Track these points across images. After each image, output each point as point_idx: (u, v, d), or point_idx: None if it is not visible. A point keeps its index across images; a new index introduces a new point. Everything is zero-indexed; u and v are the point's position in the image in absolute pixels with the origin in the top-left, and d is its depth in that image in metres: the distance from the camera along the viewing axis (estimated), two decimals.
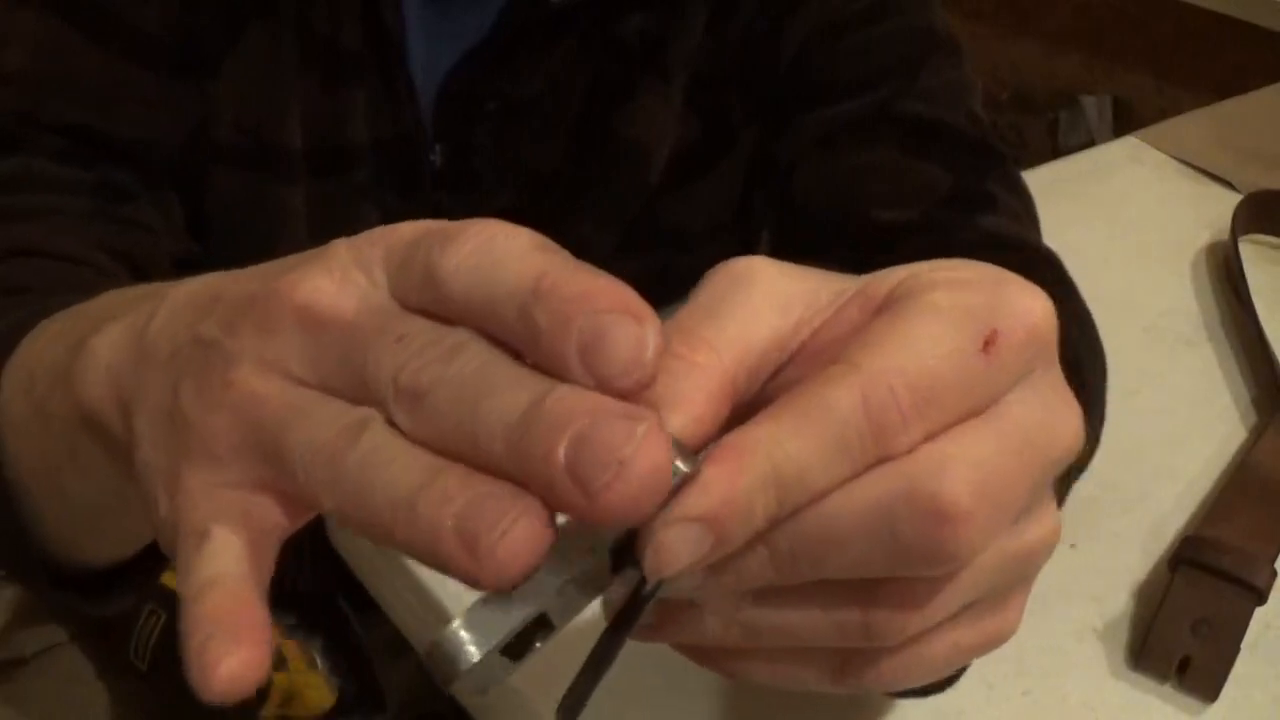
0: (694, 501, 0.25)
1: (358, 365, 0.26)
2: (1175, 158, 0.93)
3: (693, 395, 0.27)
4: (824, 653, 0.30)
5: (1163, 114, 1.05)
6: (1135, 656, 0.52)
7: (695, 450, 0.26)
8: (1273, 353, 0.70)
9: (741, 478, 0.25)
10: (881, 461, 0.26)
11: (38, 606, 0.77)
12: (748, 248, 0.78)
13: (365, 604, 0.61)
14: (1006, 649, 0.53)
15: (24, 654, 0.76)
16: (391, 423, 0.26)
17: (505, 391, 0.24)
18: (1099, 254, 0.80)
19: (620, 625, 0.28)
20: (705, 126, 0.67)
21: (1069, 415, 0.29)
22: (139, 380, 0.31)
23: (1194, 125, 1.00)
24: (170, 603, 0.69)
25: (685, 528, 0.25)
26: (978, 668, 0.51)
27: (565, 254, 0.26)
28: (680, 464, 0.25)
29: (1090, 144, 1.73)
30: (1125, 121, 1.90)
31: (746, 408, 0.28)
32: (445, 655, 0.26)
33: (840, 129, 0.64)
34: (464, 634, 0.26)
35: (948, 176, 0.61)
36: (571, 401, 0.23)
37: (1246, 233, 0.82)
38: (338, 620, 0.74)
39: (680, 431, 0.26)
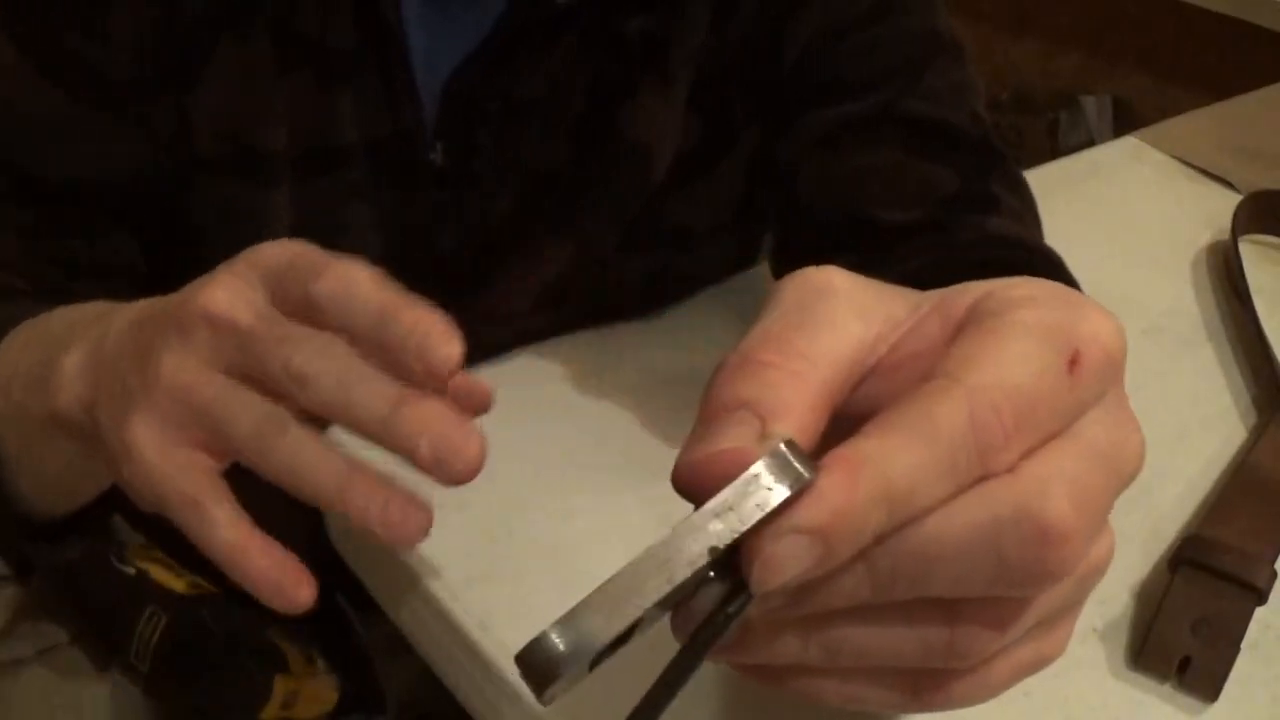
0: (807, 513, 0.25)
1: (256, 356, 0.37)
2: (1175, 158, 0.93)
3: (795, 404, 0.27)
4: (898, 674, 0.31)
5: (1163, 114, 1.05)
6: (1135, 656, 0.52)
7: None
8: (1273, 353, 0.70)
9: (857, 490, 0.25)
10: (980, 480, 0.26)
11: (37, 606, 0.77)
12: (749, 248, 0.78)
13: (365, 604, 0.62)
14: None
15: (24, 654, 0.76)
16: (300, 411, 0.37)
17: (370, 383, 0.36)
18: (1099, 254, 0.80)
19: (703, 641, 0.27)
20: (706, 126, 0.67)
21: (1135, 435, 0.30)
22: (98, 383, 0.41)
23: (1194, 125, 1.00)
24: (170, 604, 0.69)
25: (795, 540, 0.25)
26: None
27: (398, 290, 0.37)
28: (801, 469, 0.26)
29: (1090, 144, 1.72)
30: (1125, 121, 1.90)
31: (832, 421, 0.28)
32: (542, 662, 0.27)
33: (844, 129, 0.64)
34: (560, 642, 0.26)
35: (952, 177, 0.61)
36: (425, 409, 0.35)
37: (1246, 233, 0.82)
38: (338, 620, 0.74)
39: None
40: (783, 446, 0.26)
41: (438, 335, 0.36)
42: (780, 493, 0.25)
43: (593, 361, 0.68)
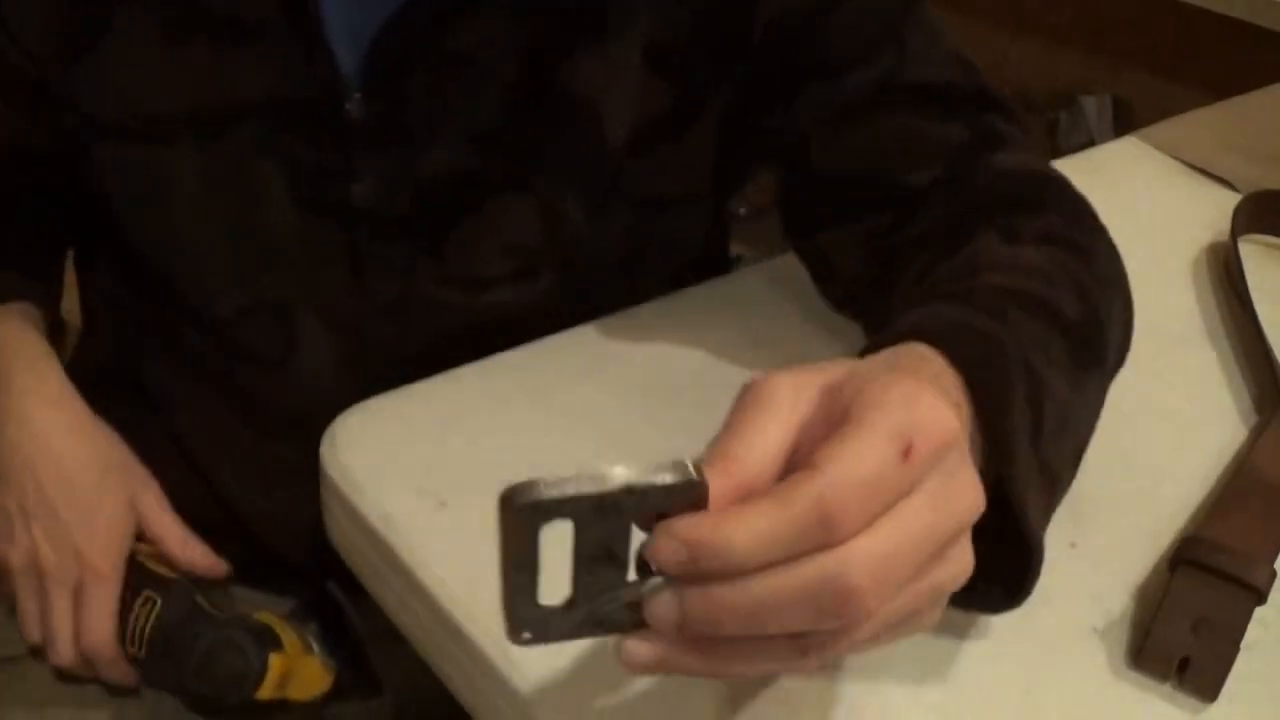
0: (683, 527, 0.36)
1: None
2: (1175, 158, 0.93)
3: (722, 491, 0.38)
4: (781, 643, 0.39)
5: (1163, 114, 1.05)
6: (1135, 656, 0.52)
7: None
8: (1273, 353, 0.70)
9: (720, 529, 0.36)
10: (825, 546, 0.36)
11: None
12: (722, 213, 0.79)
13: (362, 590, 0.62)
14: (1006, 648, 0.54)
15: (16, 652, 0.77)
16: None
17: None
18: None
19: (598, 620, 0.39)
20: (673, 94, 0.67)
21: (966, 493, 0.40)
22: None
23: (1194, 125, 1.00)
24: (164, 588, 0.70)
25: (673, 542, 0.36)
26: (977, 667, 0.51)
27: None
28: (695, 475, 0.37)
29: (1090, 144, 1.72)
30: (1125, 121, 1.89)
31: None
32: (523, 491, 0.36)
33: (851, 103, 0.65)
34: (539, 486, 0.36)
35: (960, 129, 0.64)
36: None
37: (1246, 233, 0.82)
38: (332, 607, 0.75)
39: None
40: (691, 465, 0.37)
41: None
42: (678, 478, 0.36)
43: (591, 361, 0.68)
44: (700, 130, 0.69)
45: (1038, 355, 0.51)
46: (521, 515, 0.36)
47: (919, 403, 0.39)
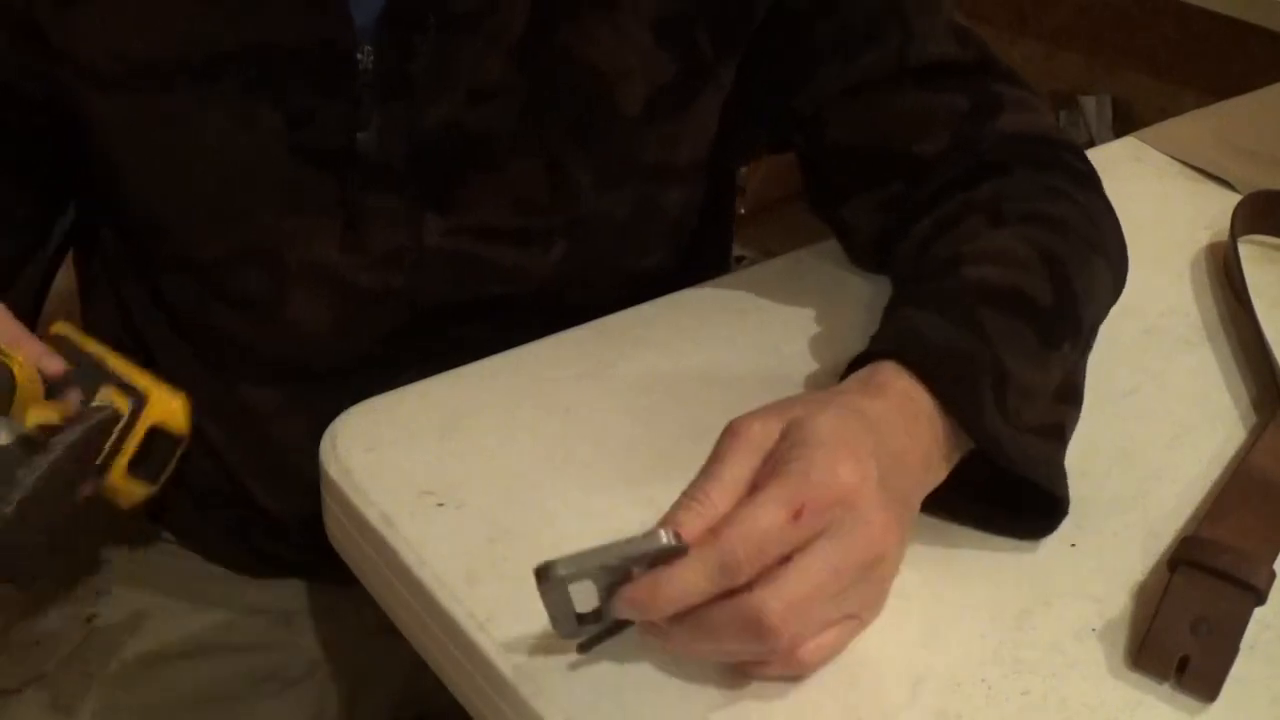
0: (632, 591, 0.47)
1: None
2: (1175, 158, 0.93)
3: (695, 528, 0.47)
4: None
5: (1163, 114, 1.05)
6: (1134, 656, 0.52)
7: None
8: (1272, 353, 0.70)
9: (655, 588, 0.46)
10: (740, 588, 0.46)
11: (22, 637, 0.78)
12: (726, 184, 0.82)
13: (357, 585, 0.62)
14: (1005, 649, 0.54)
15: (9, 685, 0.77)
16: None
17: None
18: None
19: (604, 633, 0.50)
20: (679, 66, 0.69)
21: (861, 538, 0.47)
22: None
23: (1194, 125, 1.00)
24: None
25: (628, 600, 0.47)
26: (977, 667, 0.51)
27: None
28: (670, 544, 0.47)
29: (1090, 144, 1.72)
30: (1125, 121, 1.89)
31: None
32: (545, 568, 0.47)
33: (865, 82, 0.69)
34: (557, 565, 0.47)
35: (963, 99, 0.69)
36: None
37: (1246, 233, 0.82)
38: (326, 604, 0.75)
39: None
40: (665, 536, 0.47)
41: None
42: (657, 545, 0.47)
43: (591, 361, 0.68)
44: (706, 104, 0.71)
45: (1004, 349, 0.56)
46: (547, 586, 0.47)
47: (815, 470, 0.47)
